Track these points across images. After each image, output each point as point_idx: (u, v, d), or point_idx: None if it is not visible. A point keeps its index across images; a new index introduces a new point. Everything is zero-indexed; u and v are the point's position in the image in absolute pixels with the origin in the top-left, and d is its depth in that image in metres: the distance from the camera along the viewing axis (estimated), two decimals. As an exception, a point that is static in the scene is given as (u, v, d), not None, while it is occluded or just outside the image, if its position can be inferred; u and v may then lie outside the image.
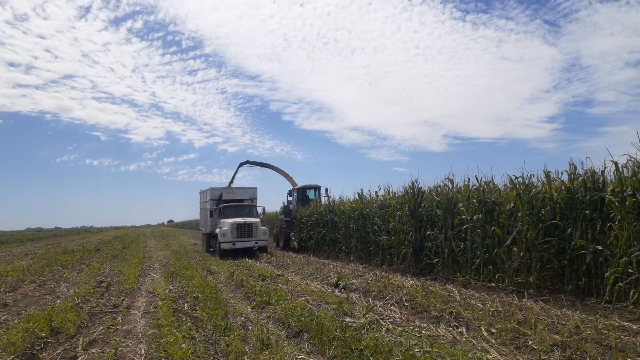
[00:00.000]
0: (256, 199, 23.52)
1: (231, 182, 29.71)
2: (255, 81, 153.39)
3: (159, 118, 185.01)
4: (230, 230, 19.33)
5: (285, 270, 14.26)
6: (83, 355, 5.69)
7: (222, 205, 21.58)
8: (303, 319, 6.61)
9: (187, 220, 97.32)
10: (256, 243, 19.83)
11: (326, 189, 22.70)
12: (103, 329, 6.95)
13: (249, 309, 8.47)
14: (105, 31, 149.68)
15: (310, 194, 24.21)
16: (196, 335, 6.29)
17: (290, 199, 25.19)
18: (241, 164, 30.08)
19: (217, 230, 19.97)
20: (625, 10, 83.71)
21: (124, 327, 7.14)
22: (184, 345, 5.59)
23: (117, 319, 7.62)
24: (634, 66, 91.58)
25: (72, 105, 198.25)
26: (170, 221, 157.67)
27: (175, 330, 6.23)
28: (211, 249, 22.34)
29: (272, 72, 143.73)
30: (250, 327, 6.93)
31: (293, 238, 23.00)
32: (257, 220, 20.47)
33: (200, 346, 5.80)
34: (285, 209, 24.77)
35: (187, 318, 7.43)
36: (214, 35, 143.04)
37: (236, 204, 21.84)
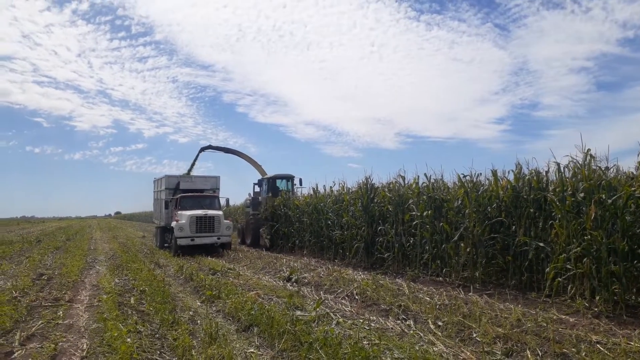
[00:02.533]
0: (218, 189, 21.10)
1: (190, 169, 27.25)
2: (208, 71, 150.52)
3: (106, 105, 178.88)
4: (188, 224, 17.02)
5: (237, 264, 14.11)
6: (20, 351, 5.42)
7: (180, 195, 19.18)
8: (253, 312, 6.56)
9: (135, 212, 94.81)
10: (218, 239, 17.62)
11: (300, 180, 21.02)
12: (42, 323, 6.65)
13: (198, 303, 8.33)
14: (48, 11, 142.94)
15: (282, 185, 21.63)
16: (142, 330, 6.11)
17: (257, 189, 22.89)
18: (202, 149, 27.52)
19: (174, 224, 17.56)
20: (570, 19, 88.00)
21: (65, 322, 6.85)
22: (128, 339, 5.43)
23: (58, 313, 7.31)
24: (577, 73, 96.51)
25: (10, 89, 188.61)
26: (118, 213, 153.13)
27: (120, 325, 6.04)
28: (166, 245, 20.06)
29: (225, 62, 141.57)
30: (198, 321, 6.81)
31: (264, 234, 20.31)
32: (220, 213, 18.23)
33: (146, 340, 5.64)
34: (254, 201, 22.02)
35: (133, 312, 7.22)
36: (166, 21, 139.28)
37: (196, 194, 19.55)
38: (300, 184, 20.82)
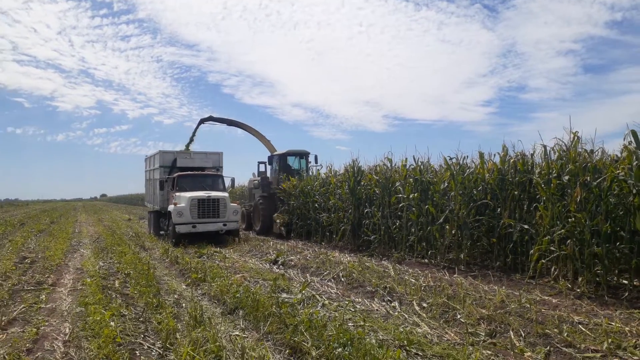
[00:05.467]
0: (222, 167, 18.55)
1: (189, 144, 24.10)
2: (192, 50, 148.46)
3: (89, 85, 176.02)
4: (189, 208, 14.83)
5: (223, 247, 14.06)
6: (1, 336, 5.34)
7: (177, 174, 16.59)
8: (239, 295, 6.54)
9: (121, 194, 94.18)
10: (224, 225, 15.36)
11: (315, 157, 18.62)
12: (24, 307, 6.57)
13: (184, 286, 8.28)
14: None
15: (295, 163, 19.31)
16: (126, 313, 6.07)
17: (262, 169, 20.27)
18: (202, 121, 24.37)
19: (171, 208, 15.18)
20: (558, 1, 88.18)
21: (47, 306, 6.78)
22: (112, 323, 5.37)
23: (41, 297, 7.23)
24: (564, 55, 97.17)
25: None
26: (104, 195, 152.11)
27: (103, 309, 5.97)
28: (161, 232, 17.72)
29: (210, 41, 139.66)
30: (183, 305, 6.78)
31: (278, 221, 17.36)
32: (226, 194, 15.96)
33: (130, 324, 5.60)
34: (264, 182, 18.93)
35: (117, 295, 7.16)
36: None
37: (196, 172, 16.96)
38: (316, 161, 18.44)
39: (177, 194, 15.75)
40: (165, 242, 14.90)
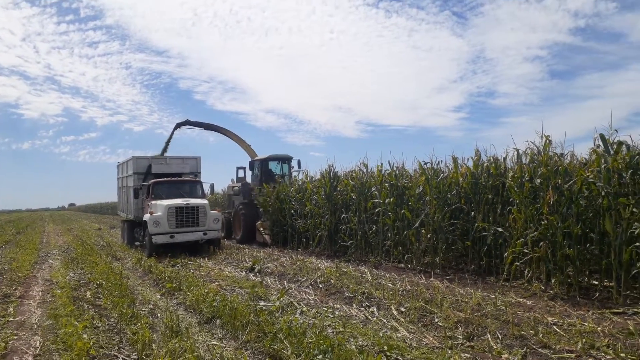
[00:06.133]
0: (200, 173, 17.48)
1: (164, 149, 22.83)
2: (162, 57, 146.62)
3: (56, 93, 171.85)
4: (166, 217, 13.85)
5: (197, 255, 13.84)
6: (-34, 352, 5.13)
7: (152, 181, 15.53)
8: (215, 304, 6.45)
9: (90, 203, 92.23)
10: (205, 234, 14.44)
11: (298, 161, 18.06)
12: (-9, 321, 6.33)
13: (158, 296, 8.12)
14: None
15: (277, 168, 18.56)
16: (99, 325, 5.90)
17: (241, 174, 19.68)
18: (178, 125, 23.20)
19: (147, 217, 14.15)
20: (524, 8, 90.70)
21: (16, 319, 6.56)
22: (85, 335, 5.21)
23: (9, 310, 7.00)
24: (531, 61, 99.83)
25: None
26: (72, 204, 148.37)
27: (75, 320, 5.79)
28: (137, 243, 16.78)
29: (181, 47, 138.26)
30: (159, 315, 6.64)
31: (262, 229, 16.70)
32: (205, 202, 15.00)
33: (103, 336, 5.45)
34: (244, 188, 18.23)
35: (90, 307, 6.96)
36: (117, 5, 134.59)
37: (173, 179, 15.91)
38: (299, 166, 17.85)
39: (153, 202, 14.74)
40: (138, 252, 14.59)
